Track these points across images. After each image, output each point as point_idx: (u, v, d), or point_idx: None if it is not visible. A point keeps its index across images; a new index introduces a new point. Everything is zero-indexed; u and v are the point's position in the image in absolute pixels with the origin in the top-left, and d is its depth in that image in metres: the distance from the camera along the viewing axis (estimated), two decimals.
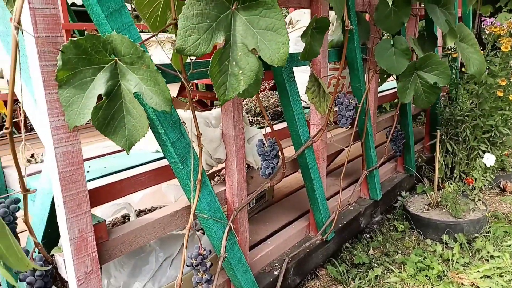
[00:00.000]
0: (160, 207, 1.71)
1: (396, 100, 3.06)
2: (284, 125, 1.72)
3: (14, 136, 0.79)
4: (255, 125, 1.84)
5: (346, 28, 1.42)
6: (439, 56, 1.73)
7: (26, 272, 1.00)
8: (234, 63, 0.98)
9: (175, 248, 1.41)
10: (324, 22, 1.23)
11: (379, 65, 1.71)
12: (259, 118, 1.87)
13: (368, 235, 2.29)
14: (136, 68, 0.89)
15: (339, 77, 1.49)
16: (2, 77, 3.16)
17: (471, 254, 2.06)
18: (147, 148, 1.47)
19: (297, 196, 2.29)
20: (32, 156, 1.35)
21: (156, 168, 1.30)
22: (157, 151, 1.48)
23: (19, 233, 1.05)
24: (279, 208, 2.13)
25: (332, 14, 1.95)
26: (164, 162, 1.34)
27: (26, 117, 0.99)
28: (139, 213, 1.67)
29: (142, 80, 0.90)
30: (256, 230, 1.89)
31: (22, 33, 0.82)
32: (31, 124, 4.56)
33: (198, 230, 1.62)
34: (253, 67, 0.98)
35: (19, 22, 0.70)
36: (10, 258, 0.56)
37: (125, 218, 1.63)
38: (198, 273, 1.18)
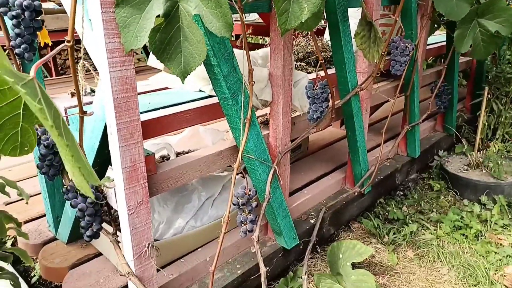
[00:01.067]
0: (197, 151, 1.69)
1: (436, 57, 2.89)
2: (330, 71, 1.64)
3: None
4: None
5: None
6: (504, 1, 1.58)
7: (77, 199, 1.00)
8: None
9: (216, 189, 1.40)
10: None
11: (438, 9, 1.58)
12: (302, 63, 1.78)
13: (402, 193, 2.25)
14: None
15: (397, 18, 1.38)
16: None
17: (510, 217, 2.00)
18: (191, 87, 1.42)
19: (332, 149, 2.25)
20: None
21: (202, 106, 1.26)
22: (200, 91, 1.43)
23: None
24: (314, 159, 2.10)
25: None
26: (209, 101, 1.30)
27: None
28: (177, 155, 1.66)
29: (203, 1, 0.83)
30: (292, 179, 1.86)
31: None
32: (64, 66, 4.57)
33: (239, 173, 1.60)
34: None
35: None
36: (80, 166, 0.53)
37: (164, 159, 1.62)
38: (243, 213, 1.16)
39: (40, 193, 1.60)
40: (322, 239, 1.75)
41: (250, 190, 1.16)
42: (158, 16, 0.84)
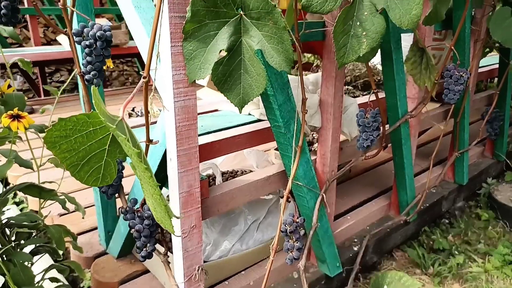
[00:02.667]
0: (242, 171, 1.72)
1: (487, 80, 2.79)
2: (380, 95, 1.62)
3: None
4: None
5: None
6: None
7: (135, 220, 1.04)
8: (358, 23, 0.91)
9: (261, 212, 1.41)
10: None
11: (493, 36, 1.54)
12: (349, 87, 1.78)
13: (447, 221, 2.16)
14: (261, 24, 0.84)
15: (451, 47, 1.35)
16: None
17: None
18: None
19: (375, 172, 2.21)
20: (133, 110, 1.39)
21: (252, 131, 1.28)
22: (249, 114, 1.46)
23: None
24: (357, 183, 2.07)
25: None
26: (257, 125, 1.32)
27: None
28: (222, 175, 1.69)
29: (266, 37, 0.85)
30: (335, 204, 1.84)
31: None
32: (109, 81, 4.77)
33: (281, 197, 1.61)
34: (379, 28, 0.91)
35: None
36: (165, 204, 0.56)
37: (210, 178, 1.65)
38: (290, 240, 1.16)
39: (92, 205, 1.67)
40: (365, 267, 1.71)
41: (298, 218, 1.16)
42: (222, 50, 0.87)
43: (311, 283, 1.43)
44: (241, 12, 0.85)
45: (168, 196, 1.04)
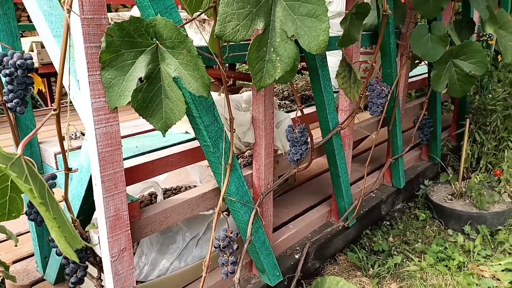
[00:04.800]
0: (185, 187, 1.74)
1: (425, 87, 2.98)
2: (312, 109, 1.70)
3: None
4: (282, 109, 1.83)
5: (384, 12, 1.37)
6: (478, 44, 1.67)
7: None
8: (272, 49, 0.97)
9: (201, 228, 1.44)
10: (364, 7, 1.19)
11: (414, 51, 1.66)
12: (286, 102, 1.85)
13: (388, 223, 2.29)
14: (176, 52, 0.88)
15: (373, 63, 1.45)
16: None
17: (493, 247, 2.04)
18: (177, 129, 1.48)
19: (319, 180, 2.30)
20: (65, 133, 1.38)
21: (186, 149, 1.31)
22: (187, 132, 1.49)
23: None
24: (300, 192, 2.14)
25: None
26: (194, 144, 1.36)
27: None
28: (165, 192, 1.70)
29: (182, 65, 0.89)
30: (278, 213, 1.90)
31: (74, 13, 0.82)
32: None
33: (222, 212, 1.64)
34: (291, 53, 0.97)
35: (71, 5, 0.70)
36: (66, 235, 0.58)
37: (152, 196, 1.66)
38: (225, 255, 1.20)
39: (29, 231, 1.62)
40: (308, 273, 1.78)
41: (231, 233, 1.20)
42: (140, 77, 0.90)
43: None
44: (157, 42, 0.88)
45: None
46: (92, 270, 1.15)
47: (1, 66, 0.99)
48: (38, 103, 3.70)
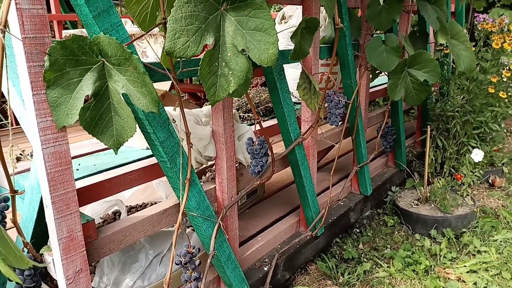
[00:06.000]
0: (151, 203, 1.71)
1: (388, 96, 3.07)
2: (275, 121, 1.72)
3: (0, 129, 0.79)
4: (246, 122, 1.84)
5: (336, 26, 1.42)
6: (429, 53, 1.74)
7: (15, 271, 1.00)
8: (223, 64, 0.98)
9: (165, 245, 1.42)
10: (314, 22, 1.23)
11: (370, 62, 1.72)
12: (250, 114, 1.87)
13: (358, 230, 2.32)
14: (123, 70, 0.88)
15: (329, 75, 1.49)
16: None
17: (458, 249, 2.10)
18: (137, 146, 1.47)
19: (289, 191, 2.31)
20: (21, 153, 1.35)
21: (146, 166, 1.30)
22: (147, 148, 1.48)
23: (7, 230, 1.05)
24: (270, 203, 2.15)
25: (324, 10, 1.95)
26: (155, 159, 1.35)
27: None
28: (130, 209, 1.67)
29: (130, 81, 0.89)
30: (247, 226, 1.90)
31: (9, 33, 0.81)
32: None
33: (188, 227, 1.63)
34: (243, 67, 0.98)
35: (5, 25, 0.69)
36: (9, 257, 0.56)
37: (116, 215, 1.63)
38: (187, 271, 1.19)
39: None
40: (278, 285, 1.77)
41: (193, 248, 1.19)
42: (87, 95, 0.89)
43: None
44: (103, 59, 0.88)
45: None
46: None
47: None
48: None
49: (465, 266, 1.94)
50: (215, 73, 0.99)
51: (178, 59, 1.17)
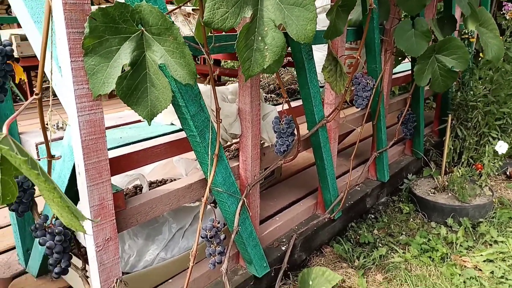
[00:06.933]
0: (171, 180, 1.73)
1: (408, 84, 3.03)
2: (298, 103, 1.71)
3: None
4: (268, 102, 1.83)
5: (369, 7, 1.39)
6: (459, 40, 1.70)
7: (45, 236, 1.02)
8: (260, 38, 0.97)
9: (187, 220, 1.44)
10: (350, 0, 1.20)
11: (398, 46, 1.69)
12: (272, 95, 1.86)
13: (373, 216, 2.32)
14: (162, 40, 0.88)
15: (358, 57, 1.47)
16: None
17: (475, 238, 2.09)
18: (162, 121, 1.47)
19: (305, 174, 2.31)
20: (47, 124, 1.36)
21: (172, 140, 1.30)
22: (172, 124, 1.48)
23: (36, 197, 1.07)
24: (287, 185, 2.15)
25: None
26: (180, 135, 1.35)
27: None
28: (150, 185, 1.69)
29: (168, 52, 0.89)
30: (265, 206, 1.91)
31: None
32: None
33: (210, 204, 1.64)
34: (279, 43, 0.97)
35: None
36: (69, 205, 0.57)
37: (137, 189, 1.65)
38: (212, 245, 1.20)
39: (10, 225, 1.59)
40: (294, 265, 1.79)
41: (218, 223, 1.20)
42: (124, 64, 0.89)
43: (240, 285, 1.47)
44: (142, 28, 0.87)
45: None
46: (76, 261, 1.13)
47: None
48: (18, 97, 3.63)
49: (481, 255, 1.93)
50: (250, 47, 0.98)
51: (210, 35, 1.16)
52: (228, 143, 1.48)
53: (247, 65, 0.98)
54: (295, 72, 2.06)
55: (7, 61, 0.98)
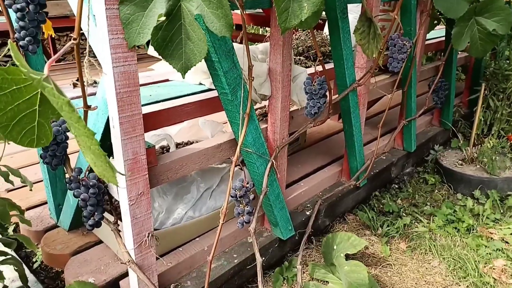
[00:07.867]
0: (197, 141, 1.72)
1: (433, 54, 2.90)
2: (329, 66, 1.66)
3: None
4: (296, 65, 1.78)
5: None
6: (503, 0, 1.60)
7: (79, 189, 1.03)
8: None
9: (215, 180, 1.44)
10: None
11: (437, 7, 1.60)
12: (301, 58, 1.80)
13: (397, 186, 2.29)
14: None
15: (396, 16, 1.40)
16: None
17: (502, 211, 2.05)
18: (190, 80, 1.44)
19: (329, 142, 2.28)
20: (77, 80, 1.35)
21: (202, 99, 1.28)
22: (200, 84, 1.45)
23: (70, 154, 1.08)
24: (311, 152, 2.13)
25: None
26: (208, 94, 1.33)
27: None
28: (176, 146, 1.69)
29: (205, 2, 0.85)
30: (289, 172, 1.90)
31: None
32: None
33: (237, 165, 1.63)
34: None
35: None
36: (104, 155, 0.57)
37: (164, 150, 1.65)
38: (241, 204, 1.20)
39: (41, 181, 1.63)
40: (318, 230, 1.79)
41: (247, 183, 1.19)
42: (161, 14, 0.86)
43: (264, 246, 1.48)
44: None
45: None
46: (108, 217, 1.15)
47: (11, 1, 0.95)
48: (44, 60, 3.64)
49: (509, 228, 1.89)
50: None
51: None
52: (257, 104, 1.45)
53: (284, 17, 0.94)
54: (324, 34, 1.99)
55: (40, 11, 0.97)
